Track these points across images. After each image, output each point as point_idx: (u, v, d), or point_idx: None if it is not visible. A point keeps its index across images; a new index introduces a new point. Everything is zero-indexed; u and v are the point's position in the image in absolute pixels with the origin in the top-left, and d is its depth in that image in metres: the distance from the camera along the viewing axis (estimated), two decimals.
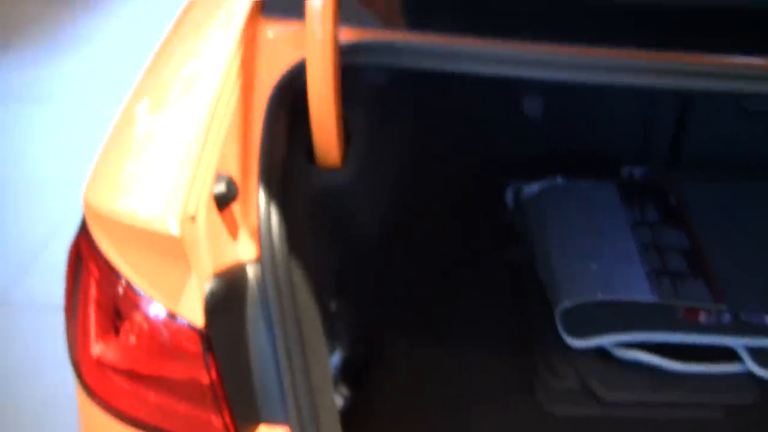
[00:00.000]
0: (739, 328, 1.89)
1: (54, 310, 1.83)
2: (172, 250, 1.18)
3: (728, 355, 1.87)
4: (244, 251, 1.27)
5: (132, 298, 1.26)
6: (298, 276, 1.30)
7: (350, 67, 1.36)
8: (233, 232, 1.27)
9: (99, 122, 3.94)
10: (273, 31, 1.49)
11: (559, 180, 2.25)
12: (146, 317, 1.26)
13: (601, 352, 1.89)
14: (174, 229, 1.16)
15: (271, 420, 1.28)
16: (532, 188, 2.24)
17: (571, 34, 1.37)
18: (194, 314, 1.21)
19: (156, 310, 1.24)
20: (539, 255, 2.08)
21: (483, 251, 2.16)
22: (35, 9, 5.21)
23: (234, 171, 1.30)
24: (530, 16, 1.42)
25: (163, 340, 1.25)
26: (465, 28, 1.42)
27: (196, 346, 1.23)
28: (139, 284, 1.25)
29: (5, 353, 2.84)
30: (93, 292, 1.32)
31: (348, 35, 1.38)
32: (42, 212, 3.45)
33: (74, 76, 4.50)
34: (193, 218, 1.18)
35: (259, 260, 1.26)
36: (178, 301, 1.22)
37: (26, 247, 3.26)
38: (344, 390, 1.65)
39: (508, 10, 1.44)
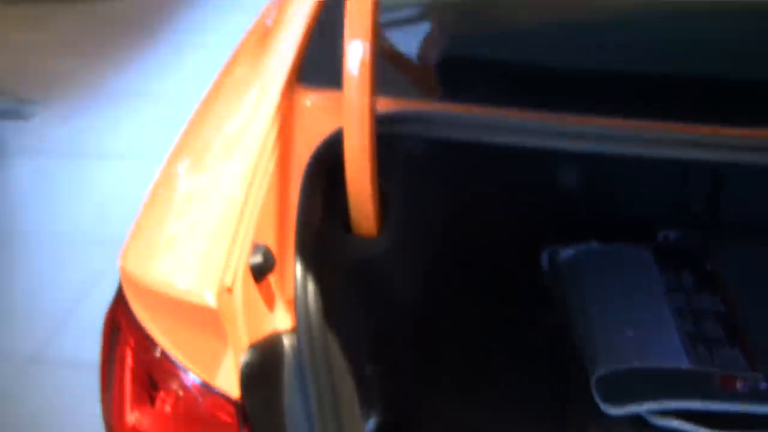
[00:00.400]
0: None
1: (88, 368, 1.84)
2: (208, 321, 1.18)
3: (765, 423, 1.85)
4: (280, 321, 1.27)
5: (168, 367, 1.26)
6: (334, 345, 1.30)
7: (386, 136, 1.37)
8: (269, 302, 1.27)
9: (133, 178, 4.00)
10: (310, 99, 1.51)
11: (595, 244, 2.24)
12: (182, 387, 1.26)
13: (637, 420, 1.86)
14: (211, 301, 1.16)
15: None
16: (567, 252, 2.23)
17: (606, 106, 1.37)
18: (230, 385, 1.21)
19: (191, 380, 1.24)
20: (575, 320, 2.06)
21: (518, 315, 2.14)
22: (69, 64, 5.29)
23: (270, 240, 1.30)
24: (565, 87, 1.43)
25: (198, 411, 1.25)
26: (500, 98, 1.43)
27: (231, 417, 1.22)
28: (175, 354, 1.25)
29: (38, 411, 2.84)
30: (129, 360, 1.32)
31: (384, 105, 1.39)
32: (76, 268, 3.47)
33: (109, 131, 4.54)
34: (230, 290, 1.18)
35: (295, 330, 1.26)
36: (213, 371, 1.22)
37: (60, 304, 3.28)
38: None
39: (542, 81, 1.45)
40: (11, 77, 5.10)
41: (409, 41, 1.76)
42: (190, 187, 1.44)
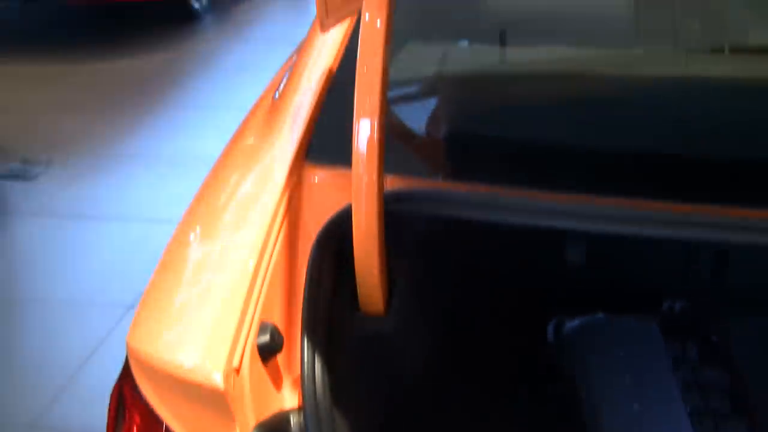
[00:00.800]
0: None
1: None
2: (215, 402, 1.18)
3: None
4: (287, 399, 1.27)
5: None
6: (342, 424, 1.30)
7: (394, 214, 1.38)
8: (276, 381, 1.27)
9: (136, 241, 4.01)
10: (318, 176, 1.52)
11: (600, 316, 2.23)
12: None
13: None
14: (218, 383, 1.16)
15: None
16: (573, 324, 2.22)
17: (612, 185, 1.38)
18: None
19: None
20: (580, 392, 2.05)
21: (524, 387, 2.14)
22: (75, 125, 5.32)
23: (278, 317, 1.30)
24: (571, 165, 1.44)
25: None
26: (507, 177, 1.43)
27: None
28: None
29: None
30: None
31: (392, 182, 1.40)
32: (77, 333, 3.46)
33: (113, 193, 4.55)
34: (237, 370, 1.18)
35: (302, 408, 1.26)
36: None
37: (61, 369, 3.26)
38: None
39: (549, 158, 1.46)
40: (17, 137, 5.12)
41: (416, 116, 1.77)
42: (199, 259, 1.44)
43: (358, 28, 1.61)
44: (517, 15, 2.01)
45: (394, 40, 1.37)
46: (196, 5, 7.16)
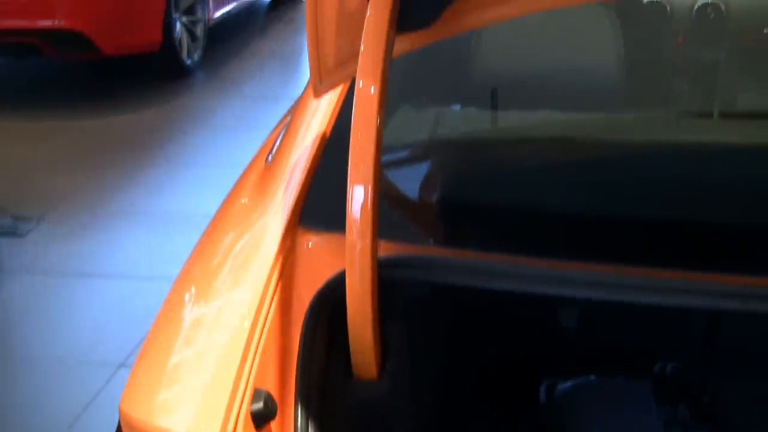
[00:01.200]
0: None
1: None
2: None
3: None
4: None
5: None
6: None
7: (388, 280, 1.38)
8: None
9: (128, 299, 4.00)
10: (312, 241, 1.52)
11: (592, 378, 2.23)
12: None
13: None
14: None
15: None
16: (565, 386, 2.22)
17: (602, 251, 1.39)
18: None
19: None
20: None
21: None
22: (67, 181, 5.32)
23: (271, 383, 1.31)
24: (564, 233, 1.45)
25: None
26: (498, 243, 1.45)
27: None
28: None
29: None
30: None
31: (385, 249, 1.41)
32: (69, 391, 3.44)
33: (104, 250, 4.55)
34: None
35: None
36: None
37: (52, 430, 3.23)
38: None
39: (541, 224, 1.47)
40: (8, 193, 5.12)
41: (409, 181, 1.79)
42: (193, 322, 1.44)
43: (352, 91, 1.63)
44: (507, 78, 2.03)
45: (386, 104, 1.39)
46: (188, 61, 7.20)
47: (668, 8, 2.42)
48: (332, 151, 1.69)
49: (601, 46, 2.03)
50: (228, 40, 8.28)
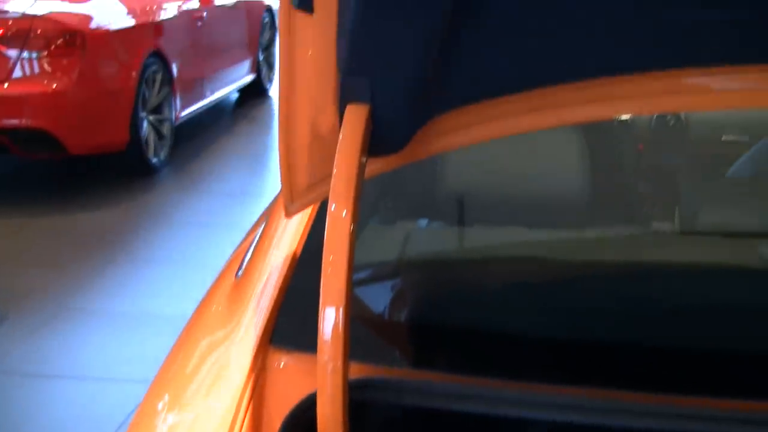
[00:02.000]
0: None
1: None
2: None
3: None
4: None
5: None
6: None
7: (359, 402, 1.39)
8: None
9: (90, 401, 3.96)
10: (283, 361, 1.53)
11: None
12: None
13: None
14: None
15: None
16: None
17: (576, 374, 1.40)
18: None
19: None
20: None
21: None
22: (32, 278, 5.29)
23: None
24: (535, 355, 1.46)
25: None
26: (470, 364, 1.46)
27: None
28: None
29: None
30: None
31: (357, 370, 1.41)
32: None
33: (67, 350, 4.52)
34: None
35: None
36: None
37: None
38: None
39: (512, 348, 1.48)
40: None
41: (380, 300, 1.80)
42: None
43: (322, 211, 1.65)
44: (475, 194, 2.06)
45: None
46: (154, 159, 7.24)
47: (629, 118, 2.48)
48: (303, 271, 1.71)
49: (567, 161, 2.07)
50: (195, 138, 8.35)
